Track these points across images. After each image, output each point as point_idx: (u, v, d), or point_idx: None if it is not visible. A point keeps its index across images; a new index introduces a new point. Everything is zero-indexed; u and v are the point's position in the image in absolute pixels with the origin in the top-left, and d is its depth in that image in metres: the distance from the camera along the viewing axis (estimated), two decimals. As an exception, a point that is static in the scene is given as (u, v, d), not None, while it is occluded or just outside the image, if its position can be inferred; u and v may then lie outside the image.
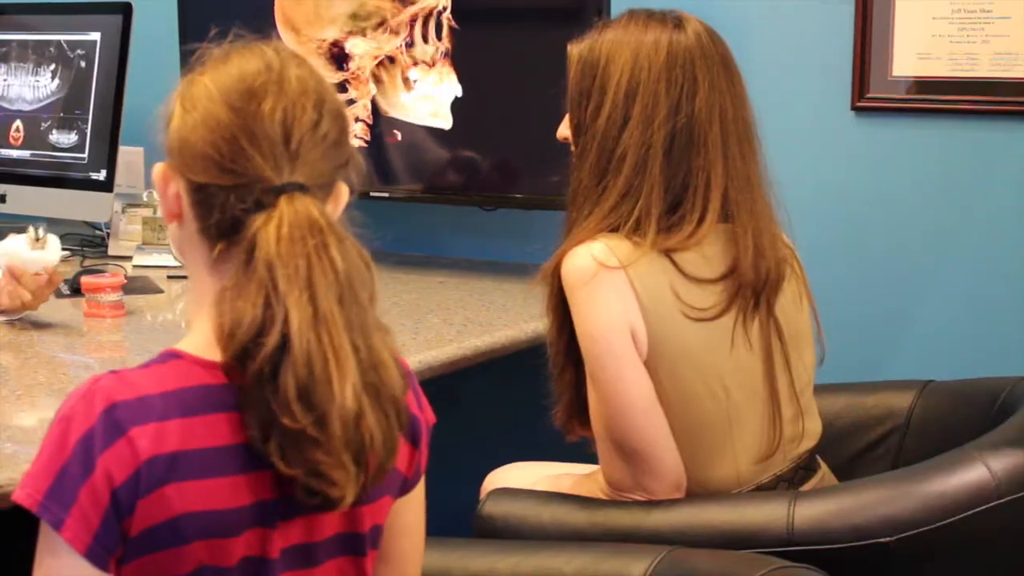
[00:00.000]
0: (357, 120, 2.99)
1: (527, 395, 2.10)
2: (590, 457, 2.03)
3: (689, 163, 1.89)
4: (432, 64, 2.92)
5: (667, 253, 1.88)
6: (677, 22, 1.93)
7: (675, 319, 1.87)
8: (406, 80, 2.97)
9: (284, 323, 1.29)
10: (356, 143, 2.94)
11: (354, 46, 3.00)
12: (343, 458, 1.31)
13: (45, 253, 2.43)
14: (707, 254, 1.90)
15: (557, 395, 2.00)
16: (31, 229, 2.44)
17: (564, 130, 2.02)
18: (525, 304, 2.62)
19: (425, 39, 2.91)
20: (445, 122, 2.94)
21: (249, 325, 1.29)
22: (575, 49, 1.96)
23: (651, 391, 1.87)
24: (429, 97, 2.95)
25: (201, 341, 1.36)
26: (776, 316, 1.94)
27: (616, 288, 1.85)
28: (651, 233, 1.87)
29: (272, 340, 1.29)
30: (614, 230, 1.89)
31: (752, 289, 1.90)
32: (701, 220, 1.89)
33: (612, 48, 1.92)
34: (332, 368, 1.30)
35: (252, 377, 1.30)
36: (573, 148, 1.97)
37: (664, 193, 1.88)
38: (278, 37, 1.43)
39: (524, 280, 2.73)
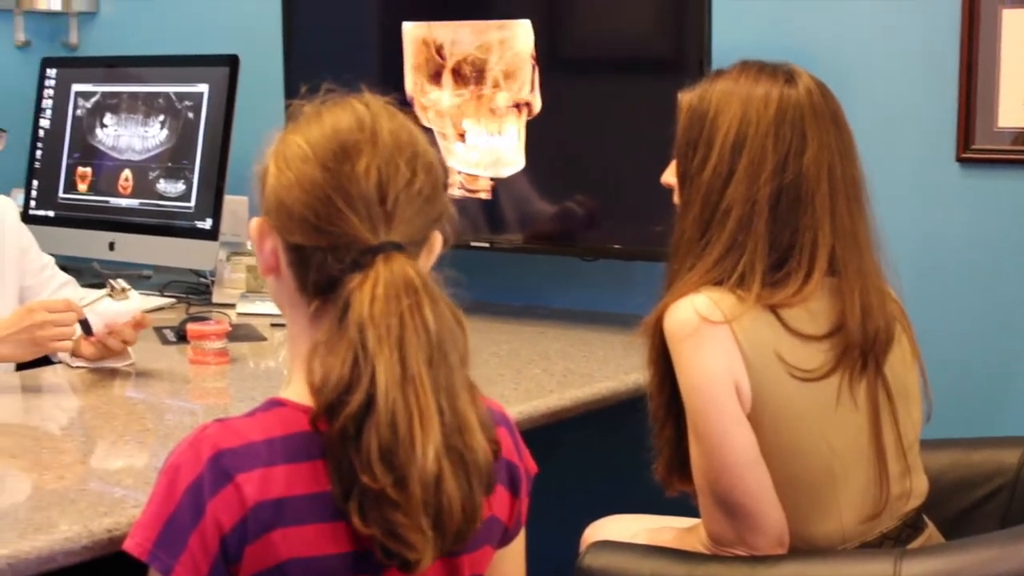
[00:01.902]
0: (460, 173, 3.01)
1: (627, 446, 2.09)
2: (691, 510, 2.01)
3: (796, 221, 1.87)
4: (479, 115, 2.95)
5: (772, 308, 1.86)
6: (789, 76, 1.91)
7: (780, 377, 1.85)
8: (460, 132, 3.00)
9: (371, 383, 1.30)
10: (480, 196, 2.97)
11: (438, 99, 3.03)
12: (421, 521, 1.31)
13: (131, 303, 2.48)
14: (813, 310, 1.88)
15: (657, 449, 1.99)
16: (111, 283, 2.49)
17: (669, 176, 2.01)
18: (626, 355, 2.61)
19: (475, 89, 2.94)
20: (491, 171, 2.96)
21: (336, 383, 1.31)
22: (685, 98, 1.95)
23: (754, 446, 1.85)
24: (474, 147, 2.98)
25: (302, 389, 1.38)
26: (884, 374, 1.91)
27: (720, 342, 1.83)
28: (756, 287, 1.85)
29: (357, 399, 1.29)
30: (717, 283, 1.88)
31: (860, 350, 1.87)
32: (807, 277, 1.86)
33: (721, 99, 1.91)
34: (416, 429, 1.30)
35: (336, 433, 1.31)
36: (677, 197, 1.97)
37: (769, 249, 1.87)
38: (379, 91, 1.44)
39: (624, 331, 2.73)
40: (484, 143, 2.98)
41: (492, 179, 2.99)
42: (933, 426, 2.08)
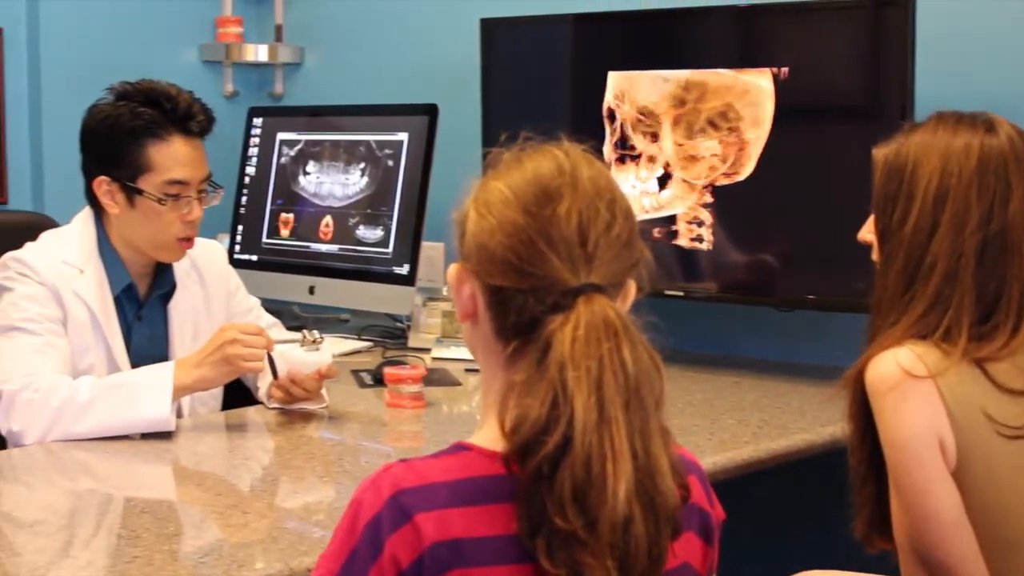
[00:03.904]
0: (695, 222, 3.01)
1: (822, 499, 2.06)
2: (890, 567, 1.97)
3: (1003, 272, 1.83)
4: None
5: (979, 363, 1.82)
6: (988, 125, 1.87)
7: (986, 434, 1.80)
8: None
9: (568, 424, 1.30)
10: (704, 246, 2.97)
11: (645, 147, 3.04)
12: (607, 563, 1.30)
13: (319, 355, 2.52)
14: (1021, 364, 1.83)
15: (858, 506, 1.95)
16: (304, 332, 2.54)
17: (866, 233, 1.98)
18: (822, 407, 2.57)
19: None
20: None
21: (534, 423, 1.31)
22: (880, 152, 1.92)
23: (959, 504, 1.81)
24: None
25: (490, 434, 1.39)
26: (1098, 429, 1.85)
27: (924, 397, 1.80)
28: (962, 342, 1.81)
29: (554, 439, 1.30)
30: (922, 337, 1.84)
31: (1072, 404, 1.82)
32: (1016, 330, 1.82)
33: (919, 152, 1.87)
34: (609, 471, 1.30)
35: (530, 473, 1.31)
36: (876, 254, 1.94)
37: (975, 302, 1.83)
38: (576, 139, 1.46)
39: (820, 382, 2.69)
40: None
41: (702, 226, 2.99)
42: None
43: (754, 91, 2.87)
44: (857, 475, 1.93)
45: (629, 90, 3.05)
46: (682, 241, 3.00)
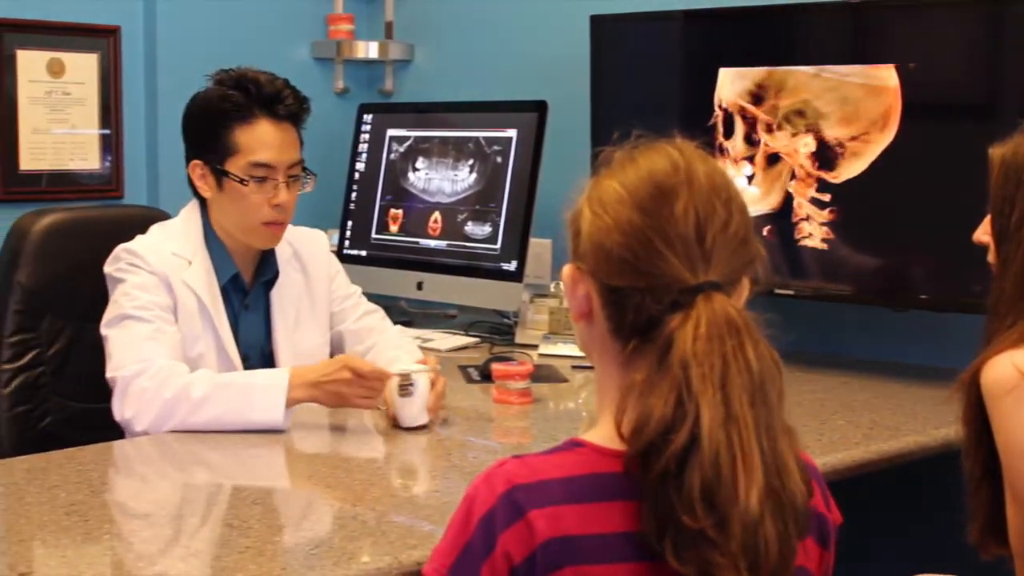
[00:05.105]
0: (806, 219, 2.98)
1: (934, 503, 2.03)
2: (1004, 573, 1.93)
3: None
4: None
5: (1100, 367, 1.78)
6: (1110, 124, 1.84)
7: (1106, 439, 1.76)
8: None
9: (695, 422, 1.29)
10: (815, 244, 2.94)
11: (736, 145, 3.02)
12: (738, 563, 1.29)
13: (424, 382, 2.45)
14: None
15: (972, 511, 1.91)
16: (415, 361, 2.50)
17: (982, 234, 1.95)
18: (934, 409, 2.53)
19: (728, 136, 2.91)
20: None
21: (658, 422, 1.31)
22: (997, 152, 1.89)
23: (1077, 511, 1.77)
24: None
25: (605, 432, 1.39)
26: None
27: (1041, 401, 1.76)
28: (1081, 346, 1.77)
29: (681, 438, 1.29)
30: (1040, 341, 1.80)
31: None
32: None
33: None
34: (739, 470, 1.29)
35: (656, 473, 1.31)
36: (992, 255, 1.90)
37: (1096, 305, 1.79)
38: (688, 135, 1.45)
39: (932, 383, 2.65)
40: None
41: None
42: None
43: (847, 87, 2.83)
44: (972, 479, 1.90)
45: (734, 86, 3.03)
46: (794, 239, 2.97)
